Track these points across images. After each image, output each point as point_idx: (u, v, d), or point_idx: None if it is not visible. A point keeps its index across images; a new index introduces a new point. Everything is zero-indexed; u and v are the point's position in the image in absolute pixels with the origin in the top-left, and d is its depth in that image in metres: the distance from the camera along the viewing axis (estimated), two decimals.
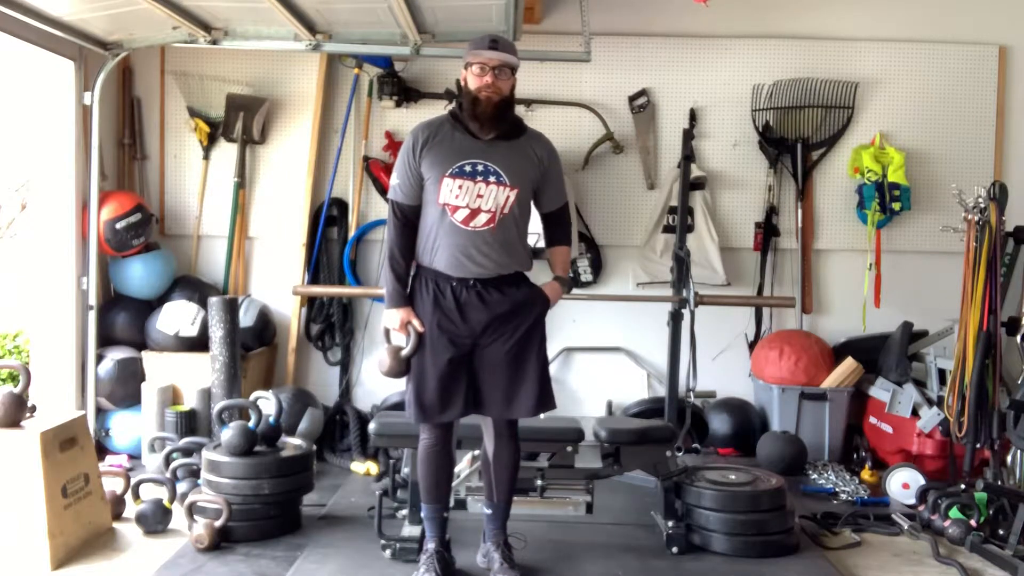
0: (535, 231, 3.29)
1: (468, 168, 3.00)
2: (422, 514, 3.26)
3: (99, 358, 4.57)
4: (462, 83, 3.08)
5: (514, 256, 3.08)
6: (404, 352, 3.04)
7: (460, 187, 2.99)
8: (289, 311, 5.13)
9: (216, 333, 4.36)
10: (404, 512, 3.56)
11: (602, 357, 5.20)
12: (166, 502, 3.65)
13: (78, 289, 4.56)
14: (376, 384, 5.10)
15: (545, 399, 3.09)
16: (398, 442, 3.61)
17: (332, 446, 4.77)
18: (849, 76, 5.09)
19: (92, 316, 4.55)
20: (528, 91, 5.01)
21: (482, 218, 3.00)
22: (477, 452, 3.49)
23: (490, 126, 3.03)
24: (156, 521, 3.59)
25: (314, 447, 3.89)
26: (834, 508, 4.05)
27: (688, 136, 4.90)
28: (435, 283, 3.05)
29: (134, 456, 4.59)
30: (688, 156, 4.81)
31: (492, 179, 3.00)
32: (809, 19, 5.14)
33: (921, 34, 5.12)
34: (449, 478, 3.26)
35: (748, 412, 4.98)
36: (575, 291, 5.07)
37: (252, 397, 3.87)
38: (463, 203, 2.99)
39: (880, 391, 4.66)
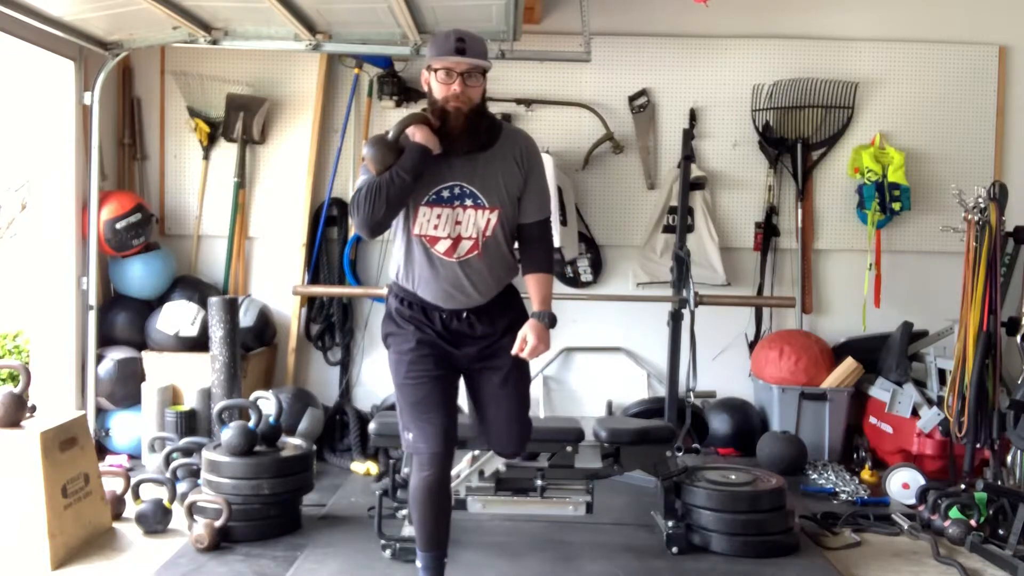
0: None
1: (445, 194, 2.72)
2: (418, 563, 2.84)
3: (99, 358, 4.57)
4: (425, 88, 2.77)
5: (503, 273, 2.86)
6: (390, 136, 2.68)
7: (439, 216, 2.72)
8: (289, 311, 5.13)
9: (216, 333, 4.36)
10: (404, 512, 3.55)
11: (602, 357, 5.20)
12: (166, 502, 3.65)
13: (78, 289, 4.56)
14: (376, 384, 5.10)
15: (527, 437, 3.02)
16: (398, 442, 3.57)
17: (332, 446, 4.76)
18: (849, 76, 5.08)
19: (92, 316, 4.55)
20: (528, 91, 5.02)
21: (465, 245, 2.74)
22: (477, 452, 3.49)
23: (464, 141, 2.71)
24: (156, 521, 3.59)
25: (314, 447, 3.89)
26: (834, 508, 4.05)
27: (688, 136, 4.89)
28: (422, 309, 2.81)
29: (134, 456, 4.59)
30: (688, 156, 4.81)
31: (469, 202, 2.73)
32: (809, 19, 5.13)
33: (921, 34, 5.12)
34: (448, 518, 2.86)
35: (748, 412, 4.98)
36: (575, 291, 5.08)
37: (252, 397, 3.87)
38: (443, 233, 2.73)
39: (880, 391, 4.66)
